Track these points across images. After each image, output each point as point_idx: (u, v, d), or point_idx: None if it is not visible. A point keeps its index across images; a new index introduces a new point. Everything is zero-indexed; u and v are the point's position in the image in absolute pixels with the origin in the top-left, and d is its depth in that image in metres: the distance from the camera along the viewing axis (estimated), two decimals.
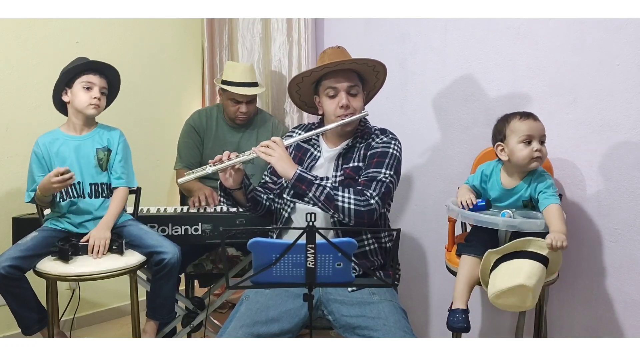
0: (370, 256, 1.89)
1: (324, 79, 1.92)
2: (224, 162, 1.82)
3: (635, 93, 1.87)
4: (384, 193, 1.81)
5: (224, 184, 1.88)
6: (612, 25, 1.89)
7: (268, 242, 1.40)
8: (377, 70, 1.95)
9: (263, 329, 1.66)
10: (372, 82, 2.01)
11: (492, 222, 1.75)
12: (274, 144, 1.82)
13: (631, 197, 1.92)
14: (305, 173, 1.79)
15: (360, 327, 1.69)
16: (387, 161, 1.86)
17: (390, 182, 1.84)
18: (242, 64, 2.76)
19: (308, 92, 2.02)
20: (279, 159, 1.80)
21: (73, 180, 2.00)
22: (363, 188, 1.80)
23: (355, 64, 1.90)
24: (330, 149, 1.98)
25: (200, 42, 3.20)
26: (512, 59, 2.17)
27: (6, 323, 2.46)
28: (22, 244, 2.03)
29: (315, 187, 1.77)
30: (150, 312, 2.23)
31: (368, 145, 1.93)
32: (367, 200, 1.77)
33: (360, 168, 1.89)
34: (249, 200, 1.94)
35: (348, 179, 1.88)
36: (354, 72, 1.91)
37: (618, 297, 1.99)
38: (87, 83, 2.10)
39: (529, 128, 1.77)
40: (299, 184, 1.77)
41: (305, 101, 2.08)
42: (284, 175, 1.80)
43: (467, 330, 1.74)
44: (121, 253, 2.07)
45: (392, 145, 1.90)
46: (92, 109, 2.12)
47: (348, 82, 1.89)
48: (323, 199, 1.76)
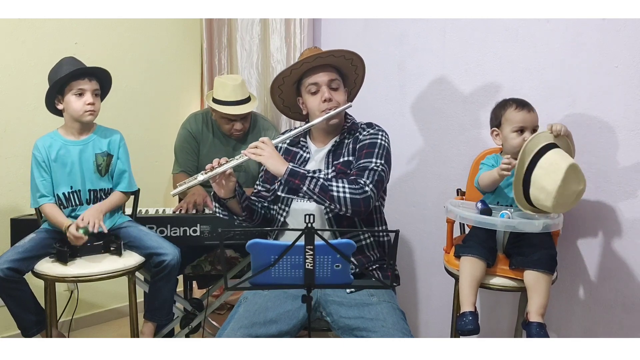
0: (367, 251, 1.88)
1: (304, 78, 1.93)
2: (215, 168, 1.80)
3: (634, 94, 1.87)
4: (377, 181, 1.81)
5: (217, 194, 1.87)
6: (610, 26, 1.89)
7: (267, 243, 1.40)
8: (355, 64, 1.97)
9: (261, 331, 1.66)
10: (352, 78, 2.02)
11: (491, 222, 1.75)
12: (263, 143, 1.81)
13: (629, 198, 1.92)
14: (297, 168, 1.79)
15: (359, 328, 1.69)
16: (376, 151, 1.86)
17: (382, 170, 1.84)
18: (233, 78, 2.63)
19: (290, 94, 2.02)
20: (269, 157, 1.79)
21: (84, 240, 2.01)
22: (356, 177, 1.81)
23: (332, 57, 1.91)
24: (319, 148, 1.98)
25: (199, 43, 3.20)
26: (511, 60, 2.17)
27: (5, 324, 2.46)
28: (20, 246, 2.02)
29: (309, 180, 1.76)
30: (149, 313, 2.22)
31: (356, 139, 1.94)
32: (362, 187, 1.77)
33: (351, 162, 1.89)
34: (244, 209, 1.92)
35: (340, 174, 1.88)
36: (333, 67, 1.93)
37: (616, 299, 1.99)
38: (78, 90, 2.06)
39: (523, 119, 1.85)
40: (292, 178, 1.77)
41: (288, 106, 2.08)
42: (275, 172, 1.79)
43: (476, 333, 1.73)
44: (119, 254, 2.07)
45: (380, 136, 1.92)
46: (88, 116, 2.10)
47: (328, 76, 1.90)
48: (318, 190, 1.75)
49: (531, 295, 1.74)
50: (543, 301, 1.72)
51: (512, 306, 2.23)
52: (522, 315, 2.09)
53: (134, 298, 2.11)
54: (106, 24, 2.83)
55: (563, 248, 2.01)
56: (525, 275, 1.76)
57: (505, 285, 1.83)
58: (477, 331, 1.73)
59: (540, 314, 1.71)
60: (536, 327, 1.69)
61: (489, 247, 1.85)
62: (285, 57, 2.88)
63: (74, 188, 2.12)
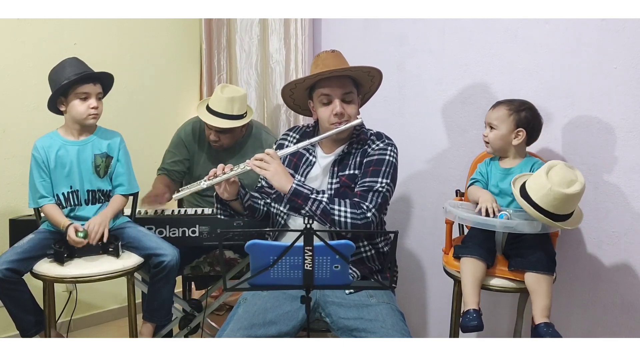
0: (368, 262, 1.89)
1: (318, 86, 1.89)
2: (219, 175, 1.80)
3: (633, 96, 1.87)
4: (380, 204, 1.81)
5: (220, 196, 1.87)
6: (609, 27, 1.90)
7: (266, 244, 1.40)
8: (372, 75, 1.93)
9: (261, 332, 1.66)
10: (368, 86, 1.99)
11: (490, 223, 1.75)
12: (269, 157, 1.80)
13: (628, 199, 1.92)
14: (301, 187, 1.79)
15: (358, 329, 1.69)
16: (383, 169, 1.85)
17: (387, 190, 1.84)
18: (231, 90, 2.55)
19: (302, 96, 2.00)
20: (275, 174, 1.79)
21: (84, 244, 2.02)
22: (360, 200, 1.80)
23: (349, 71, 1.87)
24: (326, 154, 1.96)
25: (198, 44, 3.20)
26: (510, 61, 2.17)
27: (4, 324, 2.45)
28: (18, 247, 2.02)
29: (312, 201, 1.77)
30: (148, 314, 2.22)
31: (364, 152, 1.91)
32: (363, 213, 1.77)
33: (357, 176, 1.88)
34: (247, 209, 1.93)
35: (344, 187, 1.87)
36: (349, 78, 1.89)
37: (615, 300, 1.99)
38: (82, 94, 2.06)
39: (487, 117, 1.95)
40: (295, 198, 1.78)
41: (299, 104, 2.06)
42: (279, 189, 1.80)
43: (480, 329, 1.74)
44: (117, 255, 2.06)
45: (389, 151, 1.89)
46: (92, 119, 2.10)
47: (342, 89, 1.86)
48: (319, 213, 1.76)
49: (534, 298, 1.74)
50: (546, 302, 1.72)
51: (511, 307, 2.23)
52: (521, 316, 2.09)
53: (133, 299, 2.11)
54: (105, 24, 2.82)
55: (562, 249, 2.01)
56: (526, 278, 1.76)
57: (504, 286, 1.83)
58: (481, 327, 1.73)
59: (545, 315, 1.71)
60: (544, 327, 1.69)
61: (488, 248, 1.85)
62: (285, 58, 2.88)
63: (73, 188, 2.12)
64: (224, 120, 2.48)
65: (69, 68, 2.06)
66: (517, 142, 1.89)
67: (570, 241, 2.05)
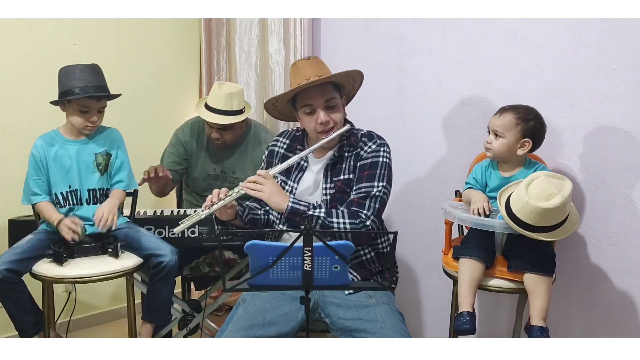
0: (368, 265, 1.89)
1: (299, 97, 1.88)
2: (215, 202, 1.81)
3: (632, 96, 1.87)
4: (378, 209, 1.82)
5: (220, 218, 1.89)
6: (609, 28, 1.89)
7: (265, 244, 1.40)
8: (351, 75, 1.91)
9: (260, 332, 1.66)
10: (350, 87, 1.98)
11: (489, 224, 1.76)
12: (262, 178, 1.82)
13: (628, 200, 1.92)
14: (297, 204, 1.80)
15: (357, 330, 1.69)
16: (378, 172, 1.85)
17: (384, 194, 1.85)
18: (228, 86, 2.56)
19: (285, 108, 1.99)
20: (270, 194, 1.81)
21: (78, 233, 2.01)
22: (357, 209, 1.80)
23: (327, 79, 1.85)
24: (317, 159, 1.96)
25: (197, 44, 3.19)
26: (510, 61, 2.17)
27: (3, 325, 2.45)
28: (18, 247, 2.02)
29: (309, 218, 1.78)
30: (147, 314, 2.22)
31: (357, 155, 1.90)
32: (362, 222, 1.78)
33: (352, 180, 1.88)
34: (248, 223, 1.94)
35: (340, 193, 1.87)
36: (329, 83, 1.87)
37: (614, 300, 1.99)
38: (84, 107, 2.06)
39: (491, 123, 1.91)
40: (293, 216, 1.80)
41: (285, 114, 2.05)
42: (276, 209, 1.84)
43: (472, 332, 1.74)
44: (116, 256, 2.06)
45: (382, 152, 1.89)
46: (87, 131, 2.12)
47: (324, 97, 1.84)
48: (318, 228, 1.77)
49: (532, 299, 1.74)
50: (544, 304, 1.72)
51: (510, 308, 2.23)
52: (520, 317, 2.09)
53: (132, 299, 2.11)
54: (105, 24, 2.82)
55: (561, 249, 2.01)
56: (525, 279, 1.76)
57: (503, 287, 1.83)
58: (473, 331, 1.73)
59: (541, 317, 1.71)
60: (537, 330, 1.69)
61: (487, 249, 1.85)
62: (284, 59, 2.88)
63: (72, 187, 2.12)
64: (225, 117, 2.48)
65: (79, 76, 2.03)
66: (523, 152, 1.87)
67: (570, 242, 2.05)
